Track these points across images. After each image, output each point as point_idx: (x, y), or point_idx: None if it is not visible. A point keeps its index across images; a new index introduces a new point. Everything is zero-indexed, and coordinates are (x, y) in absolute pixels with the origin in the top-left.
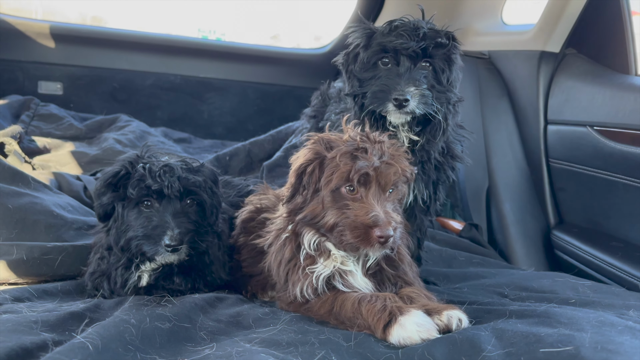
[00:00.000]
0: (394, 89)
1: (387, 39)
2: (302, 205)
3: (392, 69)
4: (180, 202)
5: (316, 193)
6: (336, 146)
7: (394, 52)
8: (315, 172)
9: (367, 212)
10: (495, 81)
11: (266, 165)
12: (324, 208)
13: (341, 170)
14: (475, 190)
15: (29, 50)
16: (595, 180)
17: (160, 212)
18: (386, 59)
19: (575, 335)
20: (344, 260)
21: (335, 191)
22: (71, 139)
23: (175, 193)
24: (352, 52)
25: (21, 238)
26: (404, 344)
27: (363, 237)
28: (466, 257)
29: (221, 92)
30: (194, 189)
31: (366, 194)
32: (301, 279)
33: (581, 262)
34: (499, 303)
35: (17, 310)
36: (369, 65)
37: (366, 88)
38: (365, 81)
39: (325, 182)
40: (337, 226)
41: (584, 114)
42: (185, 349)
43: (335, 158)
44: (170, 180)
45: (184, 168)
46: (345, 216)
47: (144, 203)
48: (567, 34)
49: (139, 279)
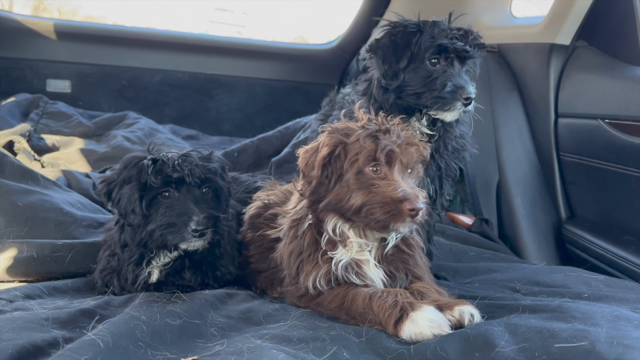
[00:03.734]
0: (461, 88)
1: (445, 40)
2: (325, 194)
3: (447, 68)
4: (198, 190)
5: (339, 178)
6: (353, 132)
7: (449, 52)
8: (341, 158)
9: (395, 187)
10: (505, 74)
11: (274, 161)
12: (349, 190)
13: (366, 150)
14: (485, 184)
15: (38, 49)
16: (607, 174)
17: (182, 200)
18: (435, 59)
19: (590, 330)
20: (359, 250)
21: (360, 173)
22: (80, 136)
23: (196, 180)
24: (397, 42)
25: (31, 235)
26: (416, 340)
27: (394, 212)
28: (477, 252)
29: (229, 88)
30: (211, 176)
31: (391, 172)
32: (314, 270)
33: (593, 256)
34: (511, 298)
35: (28, 307)
36: (416, 62)
37: (412, 82)
38: (411, 77)
39: (349, 164)
40: (365, 206)
41: (595, 106)
42: (196, 346)
43: (359, 141)
44: (191, 167)
45: (199, 157)
46: (373, 194)
47: (163, 194)
48: (577, 26)
49: (149, 275)
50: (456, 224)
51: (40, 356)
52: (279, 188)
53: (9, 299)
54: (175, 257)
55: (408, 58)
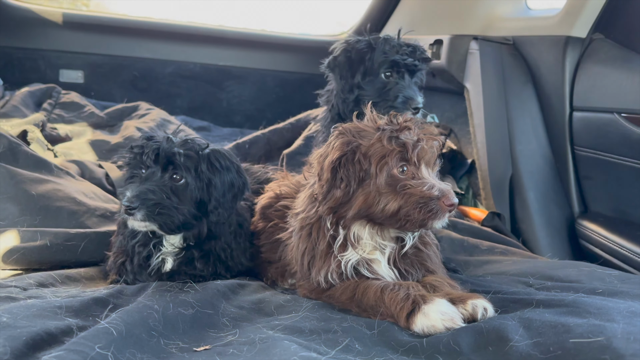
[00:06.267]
0: (411, 99)
1: (397, 56)
2: (344, 200)
3: (399, 80)
4: (160, 174)
5: (361, 183)
6: (367, 133)
7: (400, 66)
8: (360, 161)
9: (429, 186)
10: (519, 67)
11: (286, 153)
12: (379, 195)
13: (396, 152)
14: (498, 178)
15: (51, 39)
16: (622, 168)
17: (139, 179)
18: (388, 72)
19: (606, 325)
20: (371, 250)
21: (389, 176)
22: (92, 126)
23: (150, 162)
24: (352, 59)
25: (45, 224)
26: (428, 333)
27: (434, 210)
28: (489, 246)
29: (240, 80)
30: (175, 162)
31: (419, 170)
32: (325, 265)
33: (607, 252)
34: (525, 292)
35: (42, 295)
36: (371, 75)
37: (368, 93)
38: (368, 88)
39: (378, 168)
40: (402, 209)
41: (611, 100)
42: (208, 335)
43: (381, 142)
44: (152, 148)
45: (178, 144)
46: (408, 195)
47: (140, 171)
48: (594, 19)
49: (162, 263)
50: (468, 218)
51: (54, 343)
52: (290, 179)
53: (23, 287)
54: (181, 246)
55: (362, 73)
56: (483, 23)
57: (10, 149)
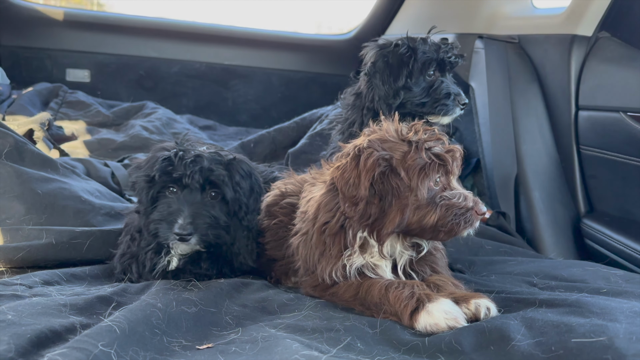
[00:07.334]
0: (459, 95)
1: (441, 54)
2: (379, 215)
3: (442, 78)
4: (201, 194)
5: (397, 197)
6: (394, 145)
7: (444, 64)
8: (395, 174)
9: (463, 197)
10: (525, 66)
11: (291, 152)
12: (418, 207)
13: (436, 164)
14: (503, 177)
15: (57, 38)
16: (628, 168)
17: (180, 200)
18: (432, 71)
19: (608, 325)
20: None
21: (427, 188)
22: (99, 125)
23: (195, 184)
24: (391, 63)
25: (50, 223)
26: (431, 331)
27: (469, 220)
28: (493, 246)
29: (245, 79)
30: (217, 181)
31: (449, 181)
32: (330, 263)
33: (612, 252)
34: (528, 292)
35: (47, 293)
36: (414, 77)
37: (416, 94)
38: (415, 90)
39: (419, 181)
40: (440, 221)
41: (617, 99)
42: (211, 334)
43: (420, 153)
44: (193, 169)
45: (211, 159)
46: (446, 208)
47: (169, 189)
48: (600, 17)
49: (168, 263)
50: None
51: (58, 341)
52: (295, 178)
53: (28, 284)
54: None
55: (405, 76)
56: (488, 21)
57: (16, 148)
